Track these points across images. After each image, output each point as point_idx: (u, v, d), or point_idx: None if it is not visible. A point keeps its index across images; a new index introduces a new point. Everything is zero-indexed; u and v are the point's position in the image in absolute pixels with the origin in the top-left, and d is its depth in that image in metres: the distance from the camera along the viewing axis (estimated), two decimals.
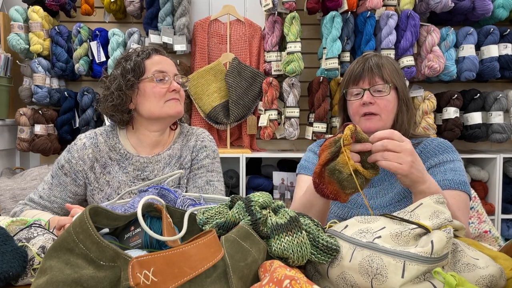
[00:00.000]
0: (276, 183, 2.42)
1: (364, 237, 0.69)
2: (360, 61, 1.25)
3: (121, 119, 1.32)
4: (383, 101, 1.19)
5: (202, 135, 1.43)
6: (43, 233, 0.87)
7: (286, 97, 2.40)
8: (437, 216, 0.70)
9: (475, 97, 2.41)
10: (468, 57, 2.30)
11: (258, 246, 0.67)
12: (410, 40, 2.24)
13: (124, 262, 0.56)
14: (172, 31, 2.38)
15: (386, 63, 1.22)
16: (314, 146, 1.40)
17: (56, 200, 1.30)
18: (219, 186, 1.38)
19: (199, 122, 2.53)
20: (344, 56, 2.35)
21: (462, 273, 0.66)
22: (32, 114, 2.37)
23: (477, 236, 1.42)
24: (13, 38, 2.30)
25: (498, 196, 2.44)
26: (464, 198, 1.10)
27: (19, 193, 2.20)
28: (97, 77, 2.40)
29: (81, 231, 0.59)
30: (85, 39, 2.38)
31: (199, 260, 0.58)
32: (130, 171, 1.33)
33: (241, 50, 2.54)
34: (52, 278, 0.57)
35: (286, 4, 2.29)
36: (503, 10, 2.34)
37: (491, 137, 2.40)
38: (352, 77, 1.23)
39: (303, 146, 2.65)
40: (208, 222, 0.76)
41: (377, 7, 2.24)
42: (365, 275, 0.65)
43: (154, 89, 1.28)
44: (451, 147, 1.21)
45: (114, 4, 2.39)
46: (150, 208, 0.77)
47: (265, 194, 0.77)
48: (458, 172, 1.13)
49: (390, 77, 1.20)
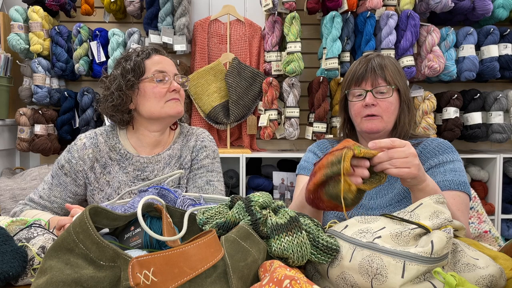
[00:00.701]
0: (276, 183, 2.42)
1: (364, 237, 0.69)
2: (363, 61, 1.24)
3: (121, 119, 1.32)
4: (385, 102, 1.19)
5: (202, 135, 1.43)
6: (43, 233, 0.87)
7: (286, 97, 2.40)
8: (437, 216, 0.70)
9: (475, 97, 2.41)
10: (468, 57, 2.30)
11: (258, 246, 0.67)
12: (410, 40, 2.24)
13: (124, 262, 0.56)
14: (172, 31, 2.38)
15: (389, 64, 1.22)
16: (314, 147, 1.40)
17: (56, 200, 1.30)
18: (219, 186, 1.38)
19: (199, 122, 2.53)
20: (344, 56, 2.35)
21: (462, 273, 0.66)
22: (32, 114, 2.37)
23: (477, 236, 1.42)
24: (13, 38, 2.30)
25: (498, 196, 2.44)
26: (464, 198, 1.10)
27: (19, 193, 2.20)
28: (97, 77, 2.40)
29: (81, 231, 0.59)
30: (85, 39, 2.38)
31: (199, 260, 0.58)
32: (130, 171, 1.33)
33: (241, 50, 2.54)
34: (52, 278, 0.57)
35: (286, 4, 2.29)
36: (503, 10, 2.34)
37: (491, 137, 2.40)
38: (355, 78, 1.23)
39: (303, 146, 2.65)
40: (208, 222, 0.76)
41: (377, 7, 2.24)
42: (365, 275, 0.65)
43: (154, 89, 1.28)
44: (451, 147, 1.20)
45: (114, 4, 2.39)
46: (150, 208, 0.77)
47: (265, 194, 0.77)
48: (458, 172, 1.13)
49: (393, 79, 1.20)
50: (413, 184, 0.94)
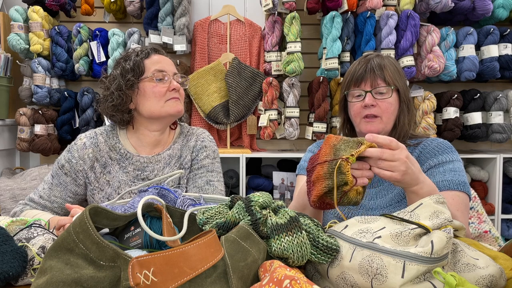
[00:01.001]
0: (276, 183, 2.42)
1: (364, 237, 0.69)
2: (362, 62, 1.23)
3: (121, 119, 1.32)
4: (384, 103, 1.18)
5: (202, 135, 1.43)
6: (43, 233, 0.87)
7: (286, 97, 2.40)
8: (437, 216, 0.70)
9: (475, 97, 2.41)
10: (468, 57, 2.30)
11: (258, 246, 0.67)
12: (410, 40, 2.24)
13: (124, 262, 0.56)
14: (172, 31, 2.38)
15: (388, 64, 1.21)
16: (314, 147, 1.40)
17: (56, 200, 1.30)
18: (219, 186, 1.38)
19: (199, 122, 2.53)
20: (344, 56, 2.35)
21: (462, 273, 0.66)
22: (32, 114, 2.37)
23: (477, 236, 1.42)
24: (13, 38, 2.30)
25: (498, 196, 2.44)
26: (463, 198, 1.10)
27: (19, 193, 2.20)
28: (97, 77, 2.40)
29: (81, 231, 0.59)
30: (85, 39, 2.38)
31: (199, 260, 0.58)
32: (130, 170, 1.33)
33: (241, 50, 2.54)
34: (52, 278, 0.57)
35: (286, 4, 2.29)
36: (503, 10, 2.34)
37: (491, 137, 2.40)
38: (354, 78, 1.22)
39: (303, 146, 2.65)
40: (208, 222, 0.76)
41: (377, 7, 2.24)
42: (365, 275, 0.65)
43: (154, 89, 1.28)
44: (451, 148, 1.20)
45: (114, 4, 2.39)
46: (150, 208, 0.77)
47: (265, 194, 0.77)
48: (458, 172, 1.13)
49: (392, 79, 1.19)
50: (402, 186, 0.94)
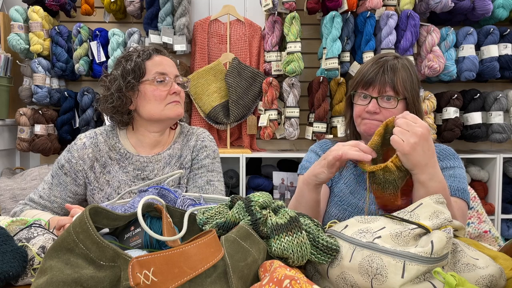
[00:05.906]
0: (276, 183, 2.42)
1: (364, 237, 0.69)
2: (376, 64, 1.18)
3: (121, 120, 1.32)
4: (388, 112, 1.14)
5: (203, 135, 1.43)
6: (43, 233, 0.87)
7: (286, 97, 2.40)
8: (437, 216, 0.70)
9: (475, 97, 2.41)
10: (468, 57, 2.30)
11: (258, 246, 0.67)
12: (410, 40, 2.24)
13: (124, 262, 0.56)
14: (172, 31, 2.38)
15: (402, 70, 1.16)
16: (316, 147, 1.39)
17: (56, 200, 1.30)
18: (219, 186, 1.38)
19: (199, 122, 2.53)
20: (344, 56, 2.35)
21: (462, 273, 0.66)
22: (32, 114, 2.37)
23: (477, 236, 1.42)
24: (13, 38, 2.30)
25: (498, 196, 2.45)
26: (461, 205, 1.09)
27: (19, 193, 2.20)
28: (97, 77, 2.40)
29: (81, 231, 0.59)
30: (85, 39, 2.38)
31: (199, 260, 0.58)
32: (130, 170, 1.33)
33: (241, 50, 2.54)
34: (52, 278, 0.57)
35: (286, 4, 2.29)
36: (503, 10, 2.34)
37: (491, 137, 2.40)
38: (363, 81, 1.18)
39: (303, 146, 2.65)
40: (208, 222, 0.76)
41: (377, 7, 2.24)
42: (365, 275, 0.65)
43: (154, 92, 1.27)
44: (454, 154, 1.19)
45: (114, 4, 2.39)
46: (150, 208, 0.77)
47: (265, 194, 0.77)
48: (458, 179, 1.12)
49: (402, 88, 1.14)
50: (410, 168, 0.90)
